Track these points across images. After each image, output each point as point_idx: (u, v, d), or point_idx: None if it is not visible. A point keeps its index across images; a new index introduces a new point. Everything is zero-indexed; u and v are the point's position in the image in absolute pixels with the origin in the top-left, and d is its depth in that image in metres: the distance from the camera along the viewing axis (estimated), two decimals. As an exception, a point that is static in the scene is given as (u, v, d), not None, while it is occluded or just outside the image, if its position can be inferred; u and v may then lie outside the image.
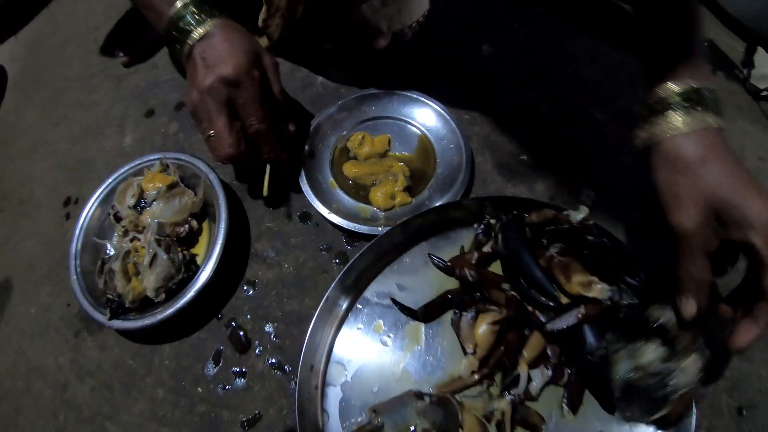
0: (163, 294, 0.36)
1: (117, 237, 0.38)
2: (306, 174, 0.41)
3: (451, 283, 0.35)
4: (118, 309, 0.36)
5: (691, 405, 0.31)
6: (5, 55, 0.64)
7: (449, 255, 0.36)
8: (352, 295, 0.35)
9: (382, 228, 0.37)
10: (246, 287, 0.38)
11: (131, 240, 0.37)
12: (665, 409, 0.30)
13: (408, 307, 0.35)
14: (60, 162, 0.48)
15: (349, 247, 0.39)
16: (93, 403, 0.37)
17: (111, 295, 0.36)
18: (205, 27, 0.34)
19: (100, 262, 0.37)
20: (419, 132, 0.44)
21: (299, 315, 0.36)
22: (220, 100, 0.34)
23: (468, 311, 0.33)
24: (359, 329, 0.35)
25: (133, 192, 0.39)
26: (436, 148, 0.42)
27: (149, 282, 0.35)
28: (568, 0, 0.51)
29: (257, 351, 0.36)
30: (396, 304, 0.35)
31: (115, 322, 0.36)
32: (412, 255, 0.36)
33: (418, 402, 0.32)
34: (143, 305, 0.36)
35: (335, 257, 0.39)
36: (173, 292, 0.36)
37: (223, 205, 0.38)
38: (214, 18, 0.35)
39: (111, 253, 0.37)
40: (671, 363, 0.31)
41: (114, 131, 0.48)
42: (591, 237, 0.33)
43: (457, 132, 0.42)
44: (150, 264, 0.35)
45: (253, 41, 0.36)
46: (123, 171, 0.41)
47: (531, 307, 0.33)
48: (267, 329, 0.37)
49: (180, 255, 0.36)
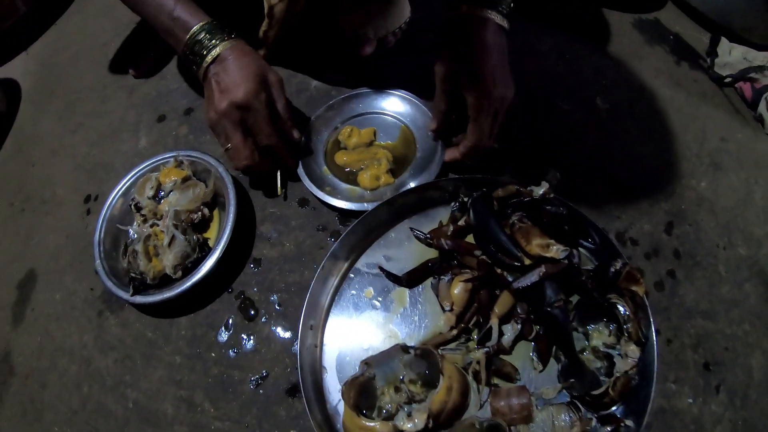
0: (180, 272, 0.46)
1: (137, 224, 0.49)
2: (303, 165, 0.52)
3: (431, 253, 0.46)
4: (140, 286, 0.46)
5: (628, 390, 0.40)
6: (18, 70, 0.77)
7: (429, 229, 0.47)
8: (345, 266, 0.46)
9: (368, 204, 0.48)
10: (252, 264, 0.49)
11: (151, 226, 0.48)
12: (603, 387, 0.40)
13: (394, 275, 0.45)
14: (79, 165, 0.60)
15: (342, 227, 0.50)
16: (115, 374, 0.47)
17: (134, 274, 0.46)
18: (218, 50, 0.44)
19: (123, 245, 0.48)
20: (401, 123, 0.56)
21: (300, 285, 0.46)
22: (233, 121, 0.44)
23: (445, 275, 0.43)
24: (352, 294, 0.45)
25: (152, 185, 0.50)
26: (416, 135, 0.54)
27: (168, 260, 0.46)
28: (537, 1, 0.63)
29: (263, 318, 0.46)
30: (383, 272, 0.45)
31: (138, 297, 0.46)
32: (396, 230, 0.47)
33: (404, 355, 0.42)
34: (162, 283, 0.47)
35: (330, 235, 0.49)
36: (188, 270, 0.47)
37: (232, 194, 0.48)
38: (225, 41, 0.44)
39: (134, 237, 0.48)
40: (616, 348, 0.41)
41: (129, 135, 0.59)
42: (550, 207, 0.43)
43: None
44: (169, 245, 0.46)
45: (261, 62, 0.46)
46: (141, 168, 0.52)
47: (500, 269, 0.42)
48: (272, 299, 0.47)
49: (194, 237, 0.47)
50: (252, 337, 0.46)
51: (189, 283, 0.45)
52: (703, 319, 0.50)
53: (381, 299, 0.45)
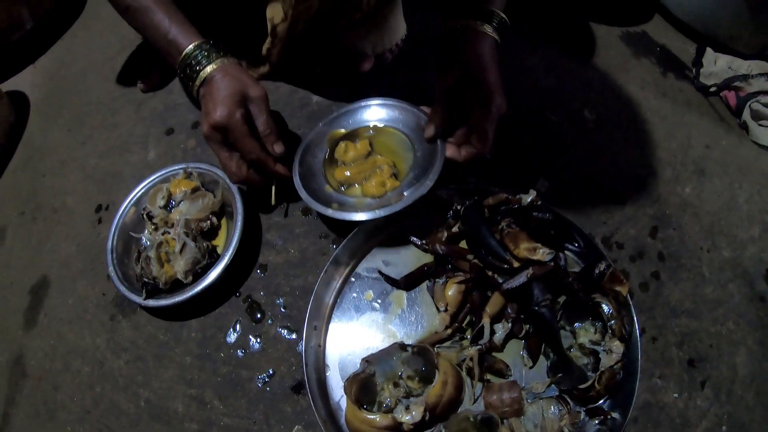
0: (191, 277, 0.52)
1: (149, 232, 0.55)
2: (303, 185, 0.53)
3: (427, 258, 0.51)
4: (153, 290, 0.51)
5: (613, 384, 0.45)
6: (26, 82, 0.83)
7: (425, 235, 0.52)
8: (346, 270, 0.51)
9: (380, 211, 0.49)
10: (259, 270, 0.55)
11: (163, 234, 0.53)
12: (590, 381, 0.45)
13: (392, 278, 0.50)
14: (89, 175, 0.66)
15: (343, 234, 0.55)
16: (127, 374, 0.52)
17: (147, 279, 0.51)
18: (207, 70, 0.47)
19: (136, 252, 0.54)
20: (394, 128, 0.58)
21: (304, 289, 0.52)
22: (216, 142, 0.49)
23: (440, 278, 0.49)
24: (353, 297, 0.51)
25: (163, 195, 0.56)
26: (411, 136, 0.57)
27: (179, 266, 0.51)
28: (527, 18, 0.70)
29: (270, 320, 0.52)
30: (382, 276, 0.51)
31: (150, 301, 0.51)
32: (394, 237, 0.52)
33: (402, 353, 0.47)
34: (173, 287, 0.52)
35: (332, 242, 0.55)
36: (198, 275, 0.52)
37: (239, 204, 0.54)
38: (214, 62, 0.48)
39: (147, 244, 0.53)
40: (602, 345, 0.46)
41: (138, 148, 0.65)
42: (537, 213, 0.49)
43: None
44: (180, 251, 0.51)
45: (243, 81, 0.49)
46: (152, 179, 0.58)
47: (491, 272, 0.48)
48: (277, 302, 0.52)
49: (204, 244, 0.53)
50: (259, 338, 0.51)
51: (199, 288, 0.51)
52: (688, 318, 0.55)
53: (380, 301, 0.50)
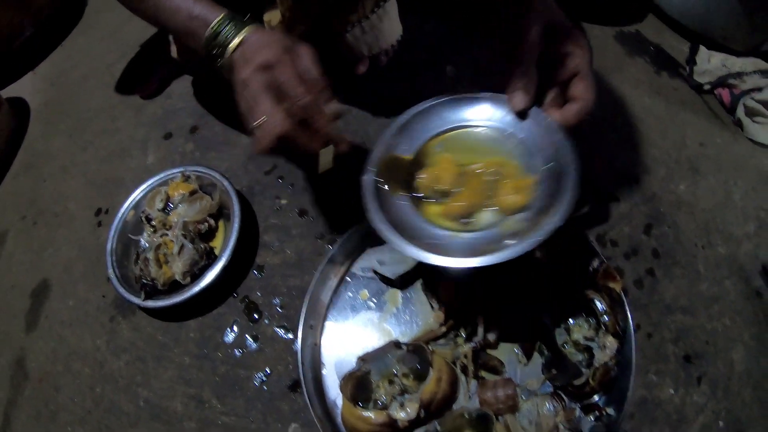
0: (189, 278, 0.53)
1: (147, 234, 0.57)
2: (392, 236, 0.40)
3: (422, 257, 0.53)
4: (152, 291, 0.53)
5: (607, 380, 0.46)
6: (26, 89, 0.86)
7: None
8: (342, 270, 0.53)
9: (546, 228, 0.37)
10: (256, 271, 0.56)
11: (161, 236, 0.55)
12: (584, 378, 0.46)
13: (387, 277, 0.52)
14: (90, 180, 0.68)
15: (341, 235, 0.57)
16: (127, 375, 0.54)
17: (146, 280, 0.53)
18: (241, 35, 0.43)
19: (135, 254, 0.56)
20: (469, 127, 0.46)
21: (300, 289, 0.53)
22: (259, 85, 0.41)
23: (434, 277, 0.50)
24: (349, 296, 0.52)
25: (161, 198, 0.58)
26: (497, 125, 0.45)
27: (177, 267, 0.53)
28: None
29: (267, 320, 0.53)
30: (377, 275, 0.52)
31: (149, 302, 0.53)
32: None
33: (397, 351, 0.48)
34: (171, 288, 0.54)
35: (328, 243, 0.57)
36: (196, 276, 0.54)
37: (237, 206, 0.56)
38: (247, 27, 0.44)
39: (146, 246, 0.55)
40: (596, 341, 0.48)
41: (138, 152, 0.68)
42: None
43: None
44: (178, 253, 0.53)
45: (286, 37, 0.44)
46: (151, 182, 0.60)
47: (484, 270, 0.49)
48: (274, 302, 0.54)
49: (201, 246, 0.54)
50: (256, 338, 0.53)
51: (197, 289, 0.52)
52: (683, 315, 0.56)
53: (375, 300, 0.52)
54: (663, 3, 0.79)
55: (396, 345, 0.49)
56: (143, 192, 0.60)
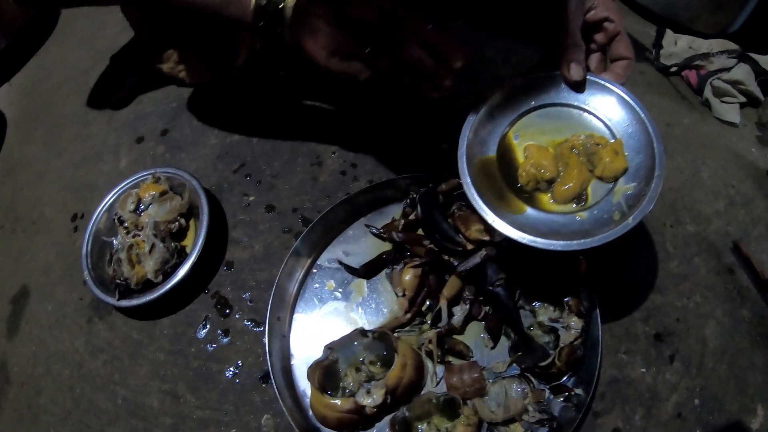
0: (161, 276, 0.55)
1: (121, 236, 0.58)
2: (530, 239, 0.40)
3: (386, 247, 0.55)
4: (125, 291, 0.55)
5: (573, 360, 0.48)
6: (2, 100, 0.88)
7: (383, 225, 0.55)
8: (308, 262, 0.55)
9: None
10: (226, 267, 0.58)
11: (133, 237, 0.57)
12: (550, 358, 0.48)
13: (352, 268, 0.54)
14: (65, 185, 0.70)
15: (305, 228, 0.58)
16: (105, 374, 0.56)
17: (119, 280, 0.55)
18: None
19: (109, 255, 0.58)
20: (539, 107, 0.46)
21: (269, 283, 0.55)
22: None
23: (398, 265, 0.52)
24: (316, 287, 0.54)
25: (133, 200, 0.60)
26: (566, 96, 0.45)
27: (149, 266, 0.55)
28: (483, 10, 0.73)
29: (237, 314, 0.55)
30: (343, 266, 0.54)
31: (123, 301, 0.55)
32: (354, 227, 0.56)
33: (363, 339, 0.50)
34: (144, 287, 0.56)
35: (294, 236, 0.58)
36: (168, 274, 0.56)
37: (205, 205, 0.58)
38: None
39: (119, 247, 0.57)
40: (560, 322, 0.49)
41: (111, 157, 0.70)
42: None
43: None
44: (150, 252, 0.55)
45: None
46: (123, 185, 0.62)
47: (446, 256, 0.51)
48: (244, 296, 0.56)
49: (172, 245, 0.56)
50: (227, 332, 0.55)
51: (169, 286, 0.54)
52: (653, 293, 0.57)
53: (341, 290, 0.54)
54: (629, -13, 0.81)
55: (362, 333, 0.50)
56: (115, 195, 0.62)
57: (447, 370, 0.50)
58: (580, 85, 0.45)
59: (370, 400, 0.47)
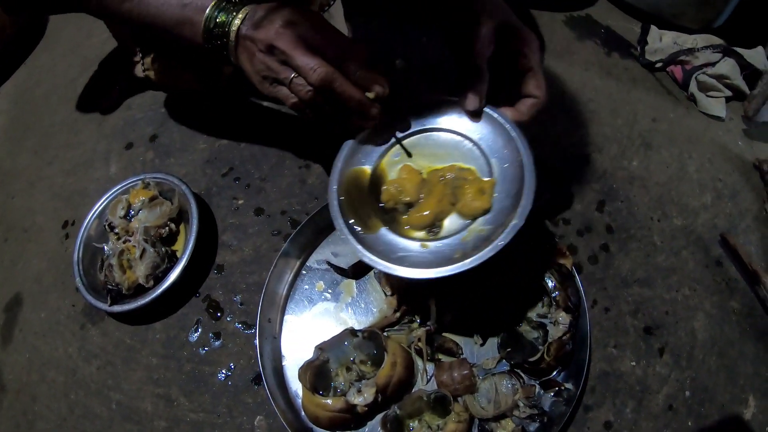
0: (152, 281, 0.56)
1: (111, 242, 0.59)
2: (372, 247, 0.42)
3: (375, 246, 0.55)
4: (117, 296, 0.56)
5: (562, 355, 0.49)
6: (-8, 110, 0.89)
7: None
8: (297, 264, 0.56)
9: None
10: (216, 270, 0.59)
11: (124, 242, 0.58)
12: (538, 354, 0.49)
13: (341, 268, 0.55)
14: (56, 194, 0.71)
15: (294, 230, 0.59)
16: (99, 380, 0.57)
17: (111, 286, 0.56)
18: (244, 12, 0.41)
19: (100, 261, 0.59)
20: (430, 130, 0.46)
21: (259, 285, 0.56)
22: (290, 39, 0.39)
23: (387, 264, 0.53)
24: (305, 289, 0.55)
25: (123, 206, 0.61)
26: (460, 127, 0.45)
27: (140, 271, 0.56)
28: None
29: (228, 317, 0.56)
30: (332, 267, 0.55)
31: (115, 306, 0.56)
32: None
33: (353, 338, 0.51)
34: (136, 292, 0.57)
35: (284, 239, 0.59)
36: (159, 279, 0.57)
37: (195, 209, 0.59)
38: (244, 7, 0.42)
39: (110, 253, 0.58)
40: (548, 317, 0.50)
41: (101, 164, 0.71)
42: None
43: None
44: (140, 257, 0.56)
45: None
46: (113, 192, 0.63)
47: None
48: (235, 299, 0.57)
49: (163, 249, 0.57)
50: (219, 335, 0.56)
51: (160, 290, 0.55)
52: (641, 287, 0.58)
53: (331, 291, 0.55)
54: (613, -16, 0.82)
55: (352, 332, 0.51)
56: (106, 201, 0.63)
57: (437, 367, 0.51)
58: (476, 115, 0.45)
59: (361, 398, 0.48)
